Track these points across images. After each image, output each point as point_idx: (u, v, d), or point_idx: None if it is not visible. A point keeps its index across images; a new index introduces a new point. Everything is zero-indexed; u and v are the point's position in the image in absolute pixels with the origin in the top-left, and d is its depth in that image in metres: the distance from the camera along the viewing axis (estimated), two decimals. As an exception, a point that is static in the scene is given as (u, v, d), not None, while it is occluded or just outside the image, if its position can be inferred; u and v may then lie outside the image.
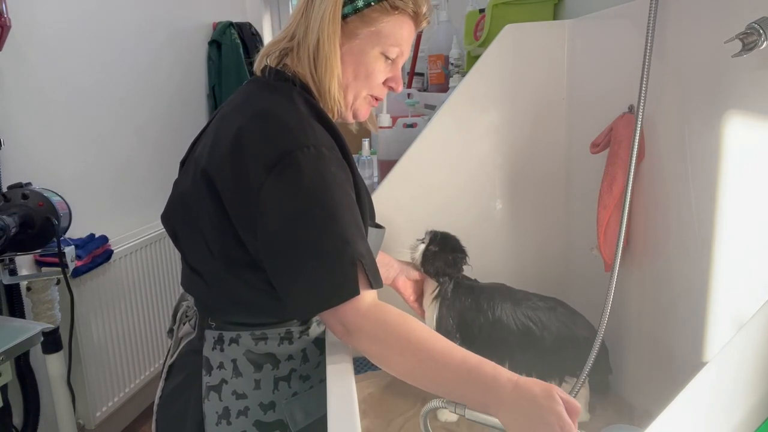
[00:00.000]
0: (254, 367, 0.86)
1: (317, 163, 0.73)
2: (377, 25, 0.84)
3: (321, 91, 0.84)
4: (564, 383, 1.16)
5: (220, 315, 0.87)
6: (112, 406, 1.92)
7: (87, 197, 1.90)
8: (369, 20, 0.83)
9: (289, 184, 0.72)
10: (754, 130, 0.87)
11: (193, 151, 0.91)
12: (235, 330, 0.86)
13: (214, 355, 0.86)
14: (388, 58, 0.87)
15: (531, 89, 1.48)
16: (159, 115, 2.31)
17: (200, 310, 0.89)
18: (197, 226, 0.83)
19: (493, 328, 1.15)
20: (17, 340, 1.24)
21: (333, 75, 0.82)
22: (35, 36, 1.68)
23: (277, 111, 0.78)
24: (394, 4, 0.83)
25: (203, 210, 0.81)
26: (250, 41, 2.80)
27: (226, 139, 0.78)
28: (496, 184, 1.54)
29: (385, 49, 0.85)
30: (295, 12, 0.85)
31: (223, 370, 0.85)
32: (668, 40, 1.04)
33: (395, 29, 0.85)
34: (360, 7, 0.82)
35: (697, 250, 1.00)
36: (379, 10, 0.83)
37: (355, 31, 0.84)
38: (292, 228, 0.72)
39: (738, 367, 0.66)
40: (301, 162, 0.72)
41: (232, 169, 0.76)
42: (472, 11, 2.00)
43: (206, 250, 0.82)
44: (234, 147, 0.76)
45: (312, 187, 0.72)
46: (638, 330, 1.20)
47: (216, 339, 0.86)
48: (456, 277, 1.18)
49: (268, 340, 0.86)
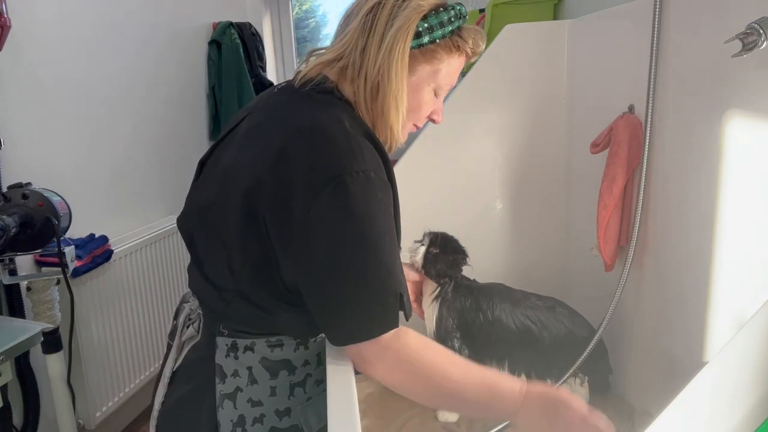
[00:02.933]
0: (270, 374, 0.84)
1: (365, 189, 0.71)
2: (437, 64, 0.82)
3: (377, 123, 0.82)
4: (563, 383, 1.16)
5: (232, 324, 0.84)
6: (112, 406, 1.91)
7: (87, 197, 1.89)
8: (431, 58, 0.81)
9: (336, 209, 0.70)
10: (755, 130, 0.87)
11: (218, 156, 0.86)
12: (249, 338, 0.83)
13: (227, 362, 0.83)
14: (437, 95, 0.86)
15: (531, 89, 1.48)
16: (159, 115, 2.31)
17: (209, 316, 0.87)
18: (220, 238, 0.80)
19: (492, 328, 1.16)
20: (17, 340, 1.23)
21: (398, 112, 0.80)
22: (35, 36, 1.68)
23: (325, 129, 0.74)
24: (456, 43, 0.82)
25: (232, 224, 0.78)
26: (250, 41, 2.79)
27: (268, 154, 0.75)
28: (496, 184, 1.54)
29: (438, 87, 0.85)
30: (351, 30, 0.80)
31: (237, 377, 0.83)
32: (669, 40, 1.04)
33: (452, 68, 0.84)
34: (425, 43, 0.80)
35: (697, 250, 1.00)
36: (443, 48, 0.81)
37: (414, 66, 0.81)
38: (337, 255, 0.71)
39: (738, 367, 0.66)
40: (350, 187, 0.70)
41: (276, 187, 0.73)
42: (472, 11, 2.00)
43: (226, 263, 0.80)
44: (278, 164, 0.73)
45: (359, 214, 0.71)
46: (638, 330, 1.20)
47: (229, 346, 0.83)
48: (456, 278, 1.18)
49: (284, 346, 0.84)
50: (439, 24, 0.80)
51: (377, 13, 0.79)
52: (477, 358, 1.18)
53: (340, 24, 0.85)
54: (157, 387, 0.93)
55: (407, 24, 0.78)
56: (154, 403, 0.92)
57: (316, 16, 3.71)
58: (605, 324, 1.11)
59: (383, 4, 0.79)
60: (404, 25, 0.78)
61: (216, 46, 2.66)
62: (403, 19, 0.78)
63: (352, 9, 0.83)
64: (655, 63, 1.05)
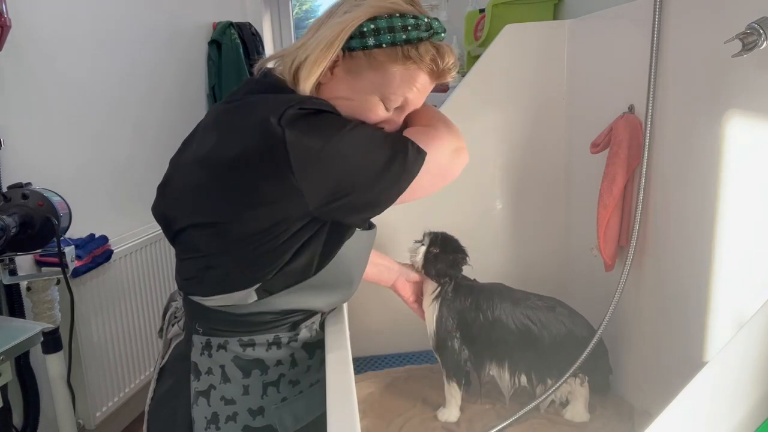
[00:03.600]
0: (243, 373, 0.85)
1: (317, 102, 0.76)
2: (382, 71, 0.76)
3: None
4: (564, 383, 1.16)
5: (206, 320, 0.85)
6: (112, 406, 1.92)
7: (87, 197, 1.89)
8: (375, 63, 0.76)
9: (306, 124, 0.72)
10: (755, 130, 0.87)
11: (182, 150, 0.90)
12: (222, 336, 0.85)
13: (202, 360, 0.85)
14: (388, 109, 0.80)
15: (531, 89, 1.48)
16: (159, 115, 2.31)
17: (188, 313, 0.88)
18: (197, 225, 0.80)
19: (492, 328, 1.15)
20: (17, 340, 1.23)
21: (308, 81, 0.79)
22: (35, 36, 1.68)
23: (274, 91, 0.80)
24: (407, 53, 0.75)
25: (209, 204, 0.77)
26: (250, 41, 2.80)
27: (220, 123, 0.79)
28: (496, 184, 1.54)
29: (385, 97, 0.78)
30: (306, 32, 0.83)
31: (211, 375, 0.85)
32: (669, 40, 1.04)
33: (403, 80, 0.77)
34: (369, 45, 0.75)
35: (697, 250, 1.00)
36: (388, 54, 0.75)
37: (358, 69, 0.77)
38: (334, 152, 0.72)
39: (738, 367, 0.66)
40: (307, 105, 0.74)
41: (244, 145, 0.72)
42: (472, 11, 2.00)
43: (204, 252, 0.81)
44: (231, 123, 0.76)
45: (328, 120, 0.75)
46: (638, 330, 1.20)
47: (204, 344, 0.85)
48: (456, 278, 1.18)
49: (256, 346, 0.85)
50: (388, 28, 0.74)
51: (333, 11, 0.80)
52: (477, 359, 1.18)
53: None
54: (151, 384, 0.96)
55: (351, 20, 0.75)
56: (147, 400, 0.95)
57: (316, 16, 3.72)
58: (605, 324, 1.11)
59: (343, 2, 0.80)
60: (347, 20, 0.75)
61: (216, 46, 2.67)
62: (351, 16, 0.75)
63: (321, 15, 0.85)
64: (655, 63, 1.05)
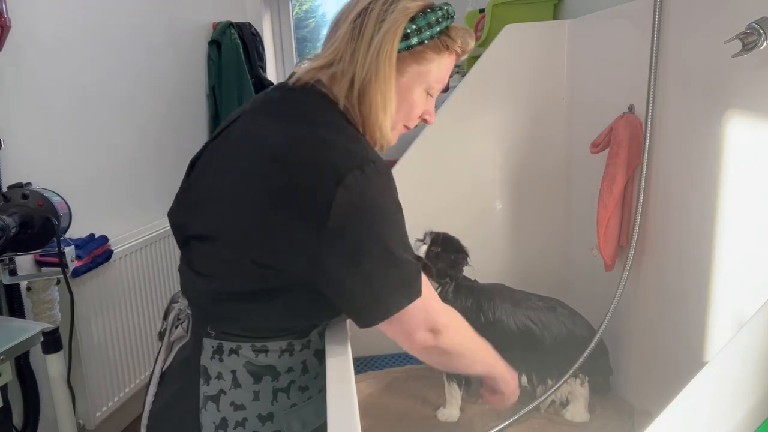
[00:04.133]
0: (254, 379, 0.84)
1: (380, 177, 0.75)
2: (427, 64, 0.83)
3: (366, 124, 0.83)
4: (564, 383, 1.16)
5: (220, 324, 0.85)
6: (112, 406, 1.92)
7: (87, 197, 1.89)
8: (420, 59, 0.82)
9: (360, 197, 0.72)
10: (755, 130, 0.87)
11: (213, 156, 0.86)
12: (235, 341, 0.84)
13: (212, 364, 0.84)
14: (429, 94, 0.87)
15: (531, 89, 1.48)
16: (159, 114, 2.31)
17: (198, 316, 0.87)
18: (215, 238, 0.80)
19: (493, 328, 1.15)
20: (17, 340, 1.23)
21: (386, 113, 0.82)
22: (35, 36, 1.68)
23: (332, 128, 0.78)
24: (446, 43, 0.83)
25: (228, 225, 0.78)
26: (250, 41, 2.79)
27: (275, 147, 0.76)
28: (496, 184, 1.54)
29: (429, 87, 0.86)
30: (340, 37, 0.82)
31: (221, 380, 0.84)
32: (669, 40, 1.04)
33: (442, 67, 0.85)
34: (413, 44, 0.81)
35: (697, 250, 1.00)
36: (431, 48, 0.82)
37: (404, 68, 0.82)
38: (366, 244, 0.73)
39: (738, 367, 0.66)
40: (370, 175, 0.73)
41: (289, 178, 0.73)
42: (472, 11, 2.00)
43: (218, 263, 0.80)
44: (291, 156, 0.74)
45: (381, 200, 0.74)
46: (638, 330, 1.20)
47: (215, 348, 0.84)
48: (457, 278, 1.18)
49: (269, 352, 0.84)
50: (426, 25, 0.81)
51: (365, 18, 0.80)
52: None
53: (329, 31, 0.86)
54: (149, 388, 0.93)
55: (395, 26, 0.79)
56: (145, 404, 0.93)
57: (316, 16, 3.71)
58: (605, 324, 1.11)
59: (370, 9, 0.81)
60: (392, 27, 0.79)
61: (216, 46, 2.66)
62: (391, 21, 0.79)
63: (340, 15, 0.84)
64: (655, 63, 1.05)
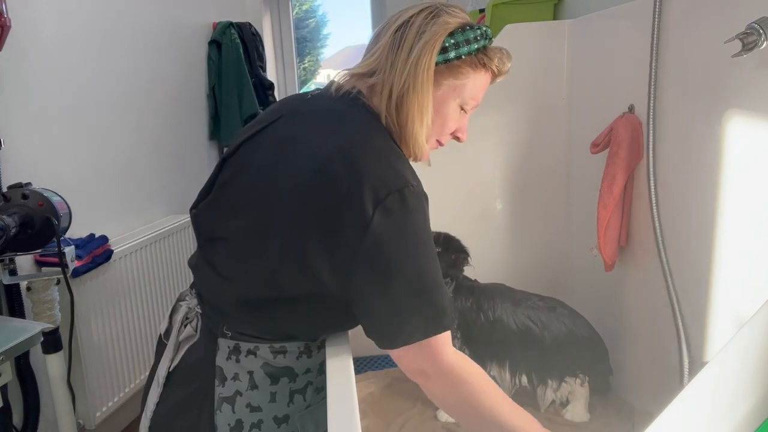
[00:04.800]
0: (271, 380, 0.83)
1: (418, 201, 0.75)
2: (463, 79, 0.84)
3: (402, 134, 0.83)
4: (564, 383, 1.16)
5: (237, 325, 0.83)
6: (112, 406, 1.91)
7: (87, 197, 1.89)
8: (456, 73, 0.84)
9: (397, 220, 0.72)
10: (755, 130, 0.87)
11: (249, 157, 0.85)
12: (253, 342, 0.83)
13: (228, 365, 0.83)
14: (463, 110, 0.88)
15: (531, 89, 1.48)
16: (159, 115, 2.31)
17: (213, 316, 0.85)
18: (247, 239, 0.79)
19: (493, 328, 1.15)
20: (17, 340, 1.23)
21: (422, 124, 0.82)
22: (35, 36, 1.68)
23: (377, 145, 0.78)
24: (482, 61, 0.84)
25: (264, 230, 0.77)
26: (250, 41, 2.79)
27: (315, 169, 0.75)
28: (496, 184, 1.54)
29: (464, 102, 0.87)
30: (381, 47, 0.83)
31: (237, 381, 0.83)
32: (669, 40, 1.04)
33: (477, 84, 0.86)
34: (451, 58, 0.82)
35: (697, 250, 1.00)
36: (468, 64, 0.84)
37: (440, 81, 0.84)
38: (399, 267, 0.73)
39: (738, 367, 0.66)
40: (408, 199, 0.73)
41: (328, 194, 0.73)
42: (472, 11, 2.00)
43: (246, 265, 0.79)
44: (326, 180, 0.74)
45: (417, 224, 0.74)
46: (638, 330, 1.20)
47: (231, 349, 0.83)
48: (458, 278, 1.18)
49: (288, 353, 0.84)
50: (465, 41, 0.83)
51: (406, 29, 0.82)
52: (478, 359, 1.18)
53: (370, 42, 0.88)
54: (149, 388, 0.91)
55: (434, 38, 0.81)
56: (146, 405, 0.90)
57: (316, 16, 3.71)
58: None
59: (412, 21, 0.82)
60: (431, 39, 0.81)
61: (216, 46, 2.66)
62: (431, 34, 0.81)
63: (382, 27, 0.86)
64: (655, 63, 1.05)
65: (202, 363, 0.85)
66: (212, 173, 0.90)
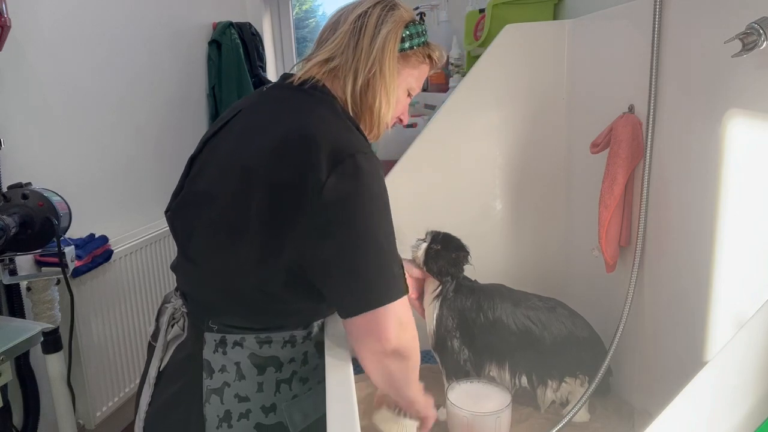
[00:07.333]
0: (258, 370, 0.85)
1: (372, 165, 0.78)
2: (410, 67, 0.94)
3: (365, 116, 0.90)
4: (563, 383, 1.16)
5: (222, 318, 0.85)
6: (112, 406, 1.92)
7: (87, 197, 1.90)
8: (409, 62, 0.93)
9: (350, 185, 0.75)
10: (755, 130, 0.87)
11: (213, 152, 0.88)
12: (239, 333, 0.85)
13: (215, 358, 0.85)
14: (409, 95, 0.98)
15: (531, 89, 1.48)
16: (159, 114, 2.31)
17: (198, 312, 0.88)
18: (220, 232, 0.81)
19: (493, 328, 1.15)
20: (17, 340, 1.23)
21: (389, 105, 0.90)
22: (35, 36, 1.68)
23: (332, 118, 0.83)
24: (427, 52, 0.95)
25: (234, 216, 0.79)
26: (250, 41, 2.79)
27: (273, 147, 0.78)
28: (496, 184, 1.54)
29: (411, 88, 0.97)
30: (341, 34, 0.88)
31: (225, 373, 0.85)
32: (669, 40, 1.04)
33: (422, 74, 0.97)
34: (406, 48, 0.92)
35: (697, 250, 1.00)
36: (417, 54, 0.94)
37: (399, 68, 0.92)
38: (354, 228, 0.75)
39: (738, 367, 0.66)
40: (362, 164, 0.76)
41: (287, 169, 0.76)
42: (472, 11, 2.00)
43: (232, 257, 0.81)
44: (286, 154, 0.77)
45: (371, 188, 0.77)
46: (638, 330, 1.20)
47: (218, 342, 0.85)
48: (458, 277, 1.18)
49: (273, 343, 0.86)
50: (417, 33, 0.93)
51: (365, 19, 0.89)
52: (477, 359, 1.18)
53: (325, 32, 0.93)
54: (142, 389, 0.93)
55: (395, 28, 0.89)
56: (140, 405, 0.92)
57: (316, 16, 3.71)
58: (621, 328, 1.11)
59: (369, 13, 0.89)
60: (393, 29, 0.89)
61: (216, 46, 2.67)
62: (391, 24, 0.89)
63: (338, 17, 0.92)
64: (655, 63, 1.05)
65: (190, 358, 0.87)
66: (182, 174, 0.94)
